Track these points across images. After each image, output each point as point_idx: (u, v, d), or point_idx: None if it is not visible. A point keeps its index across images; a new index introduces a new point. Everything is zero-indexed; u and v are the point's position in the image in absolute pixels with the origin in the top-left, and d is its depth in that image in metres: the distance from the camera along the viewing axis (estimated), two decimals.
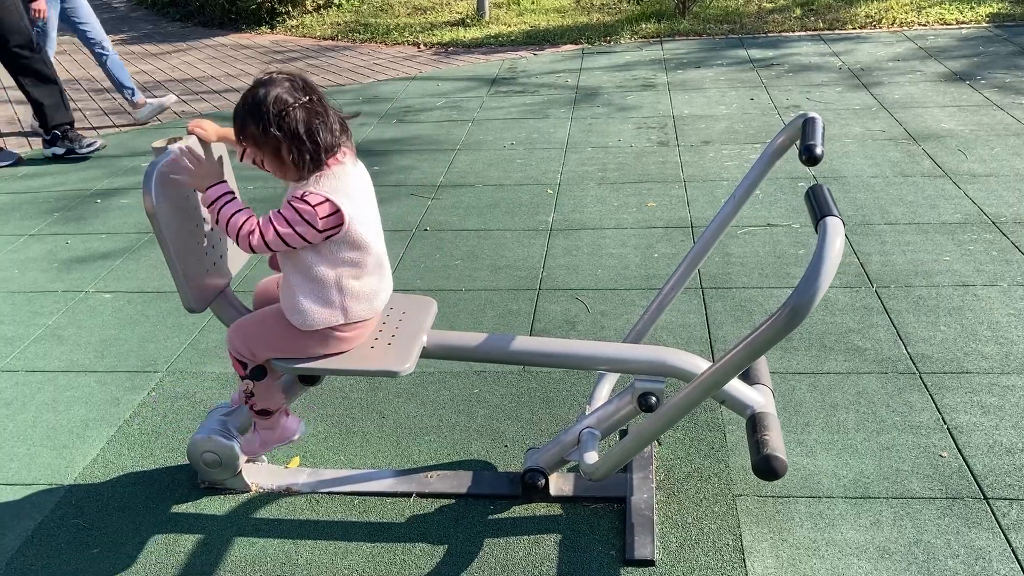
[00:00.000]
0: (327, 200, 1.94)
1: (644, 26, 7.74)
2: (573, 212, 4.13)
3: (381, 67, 7.22)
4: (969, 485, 2.31)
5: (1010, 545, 2.11)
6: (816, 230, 1.68)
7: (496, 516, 2.31)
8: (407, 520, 2.32)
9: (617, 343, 2.29)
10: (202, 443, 2.36)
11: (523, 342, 2.21)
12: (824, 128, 1.98)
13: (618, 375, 2.55)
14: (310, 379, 2.31)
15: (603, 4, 8.85)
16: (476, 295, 3.43)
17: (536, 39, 7.70)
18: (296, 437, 2.39)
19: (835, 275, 3.39)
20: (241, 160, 2.25)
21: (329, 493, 2.43)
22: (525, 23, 8.28)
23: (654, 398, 2.14)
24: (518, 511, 2.33)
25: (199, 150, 2.14)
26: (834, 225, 1.65)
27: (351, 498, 2.41)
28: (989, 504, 2.24)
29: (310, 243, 1.98)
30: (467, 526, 2.29)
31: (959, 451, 2.43)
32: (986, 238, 3.61)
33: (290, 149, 1.92)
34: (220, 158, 2.26)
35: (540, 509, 2.33)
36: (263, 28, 9.26)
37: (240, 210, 2.02)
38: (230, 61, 7.85)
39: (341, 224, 1.97)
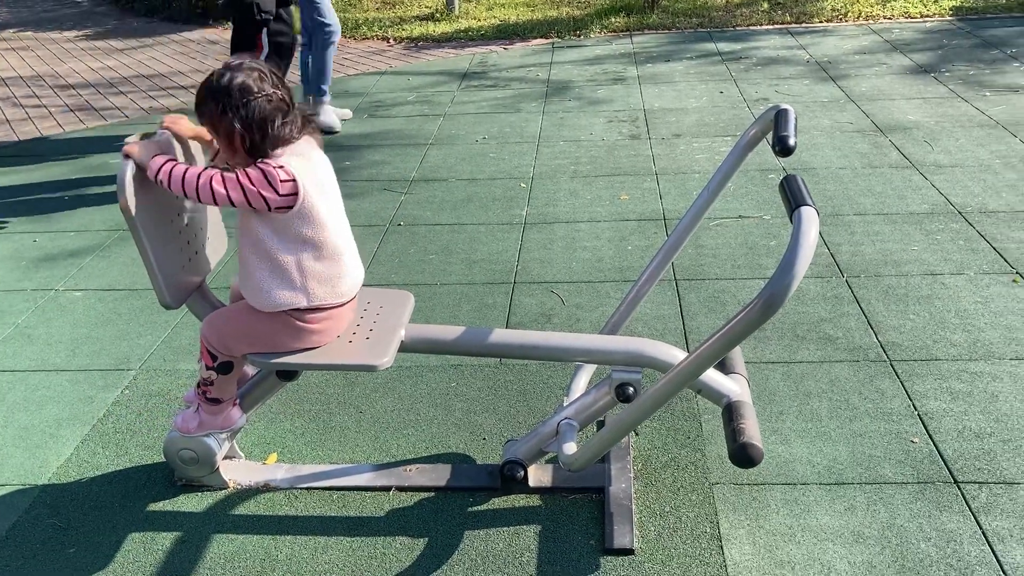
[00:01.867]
0: (284, 167, 1.96)
1: (613, 20, 7.76)
2: (546, 206, 4.14)
3: (351, 62, 7.18)
4: (940, 470, 2.35)
5: (980, 527, 2.16)
6: (791, 220, 1.70)
7: (476, 508, 2.32)
8: (387, 514, 2.32)
9: (594, 335, 2.31)
10: (179, 441, 2.34)
11: (501, 335, 2.22)
12: (796, 119, 2.00)
13: (595, 367, 2.57)
14: (288, 375, 2.30)
15: None
16: (451, 289, 3.43)
17: (506, 33, 7.70)
18: (235, 426, 2.36)
19: (810, 263, 3.44)
20: (213, 160, 2.24)
21: (308, 488, 2.42)
22: (495, 17, 8.28)
23: (631, 388, 2.16)
24: (498, 503, 2.34)
25: (174, 144, 2.13)
26: (808, 215, 1.67)
27: (330, 493, 2.41)
28: (959, 488, 2.28)
29: (268, 208, 1.97)
30: (447, 519, 2.29)
31: (929, 437, 2.47)
32: (953, 228, 3.67)
33: (243, 136, 1.95)
34: (194, 156, 2.25)
35: (519, 500, 2.34)
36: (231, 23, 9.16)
37: (193, 166, 2.01)
38: (198, 57, 7.78)
39: (296, 194, 1.97)
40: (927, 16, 7.25)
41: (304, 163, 2.00)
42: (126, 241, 3.98)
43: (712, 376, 2.13)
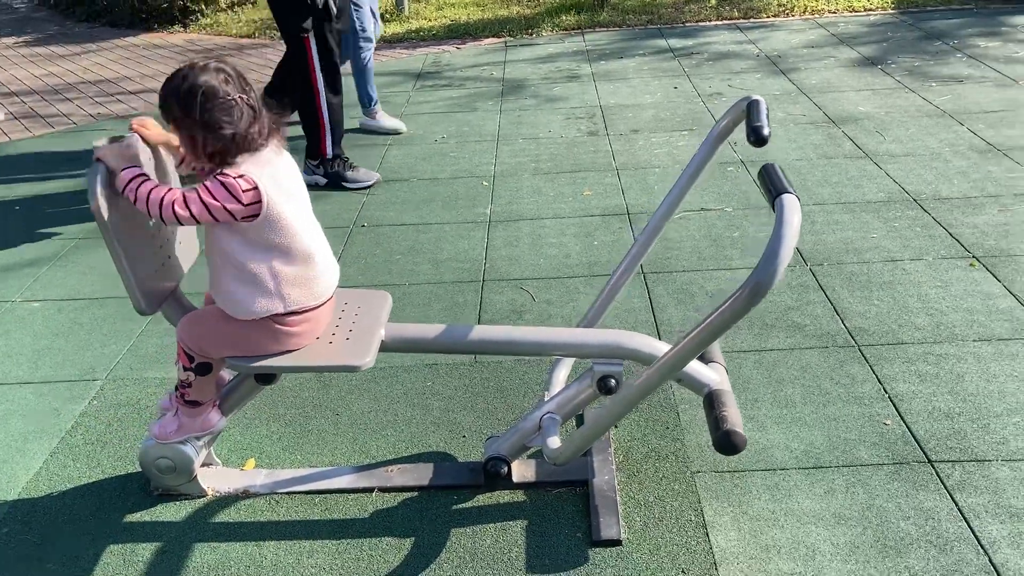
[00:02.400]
0: (244, 176, 1.93)
1: (564, 18, 7.79)
2: (510, 203, 4.15)
3: None
4: (914, 450, 2.40)
5: (956, 505, 2.21)
6: (772, 208, 1.73)
7: (460, 506, 2.32)
8: (371, 515, 2.31)
9: (575, 328, 2.32)
10: (155, 449, 2.30)
11: (482, 331, 2.22)
12: (768, 110, 2.03)
13: (573, 361, 2.58)
14: (266, 378, 2.27)
15: None
16: (420, 289, 3.42)
17: (457, 33, 7.69)
18: (215, 429, 2.32)
19: None
20: (179, 167, 2.20)
21: (289, 493, 2.40)
22: (445, 17, 8.25)
23: (613, 380, 2.17)
24: (482, 500, 2.34)
25: (140, 149, 2.10)
26: (790, 202, 1.70)
27: (312, 497, 2.38)
28: (934, 467, 2.34)
29: (234, 219, 1.95)
30: (432, 518, 2.28)
31: (901, 418, 2.53)
32: (909, 215, 3.76)
33: (206, 140, 1.92)
34: (164, 160, 2.21)
35: (504, 496, 2.34)
36: (176, 27, 9.03)
37: (159, 185, 1.98)
38: (144, 61, 7.64)
39: (260, 202, 1.95)
40: (870, 10, 7.40)
41: (266, 170, 1.97)
42: (83, 250, 3.89)
43: (692, 366, 2.15)
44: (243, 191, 1.91)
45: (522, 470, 2.39)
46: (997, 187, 3.96)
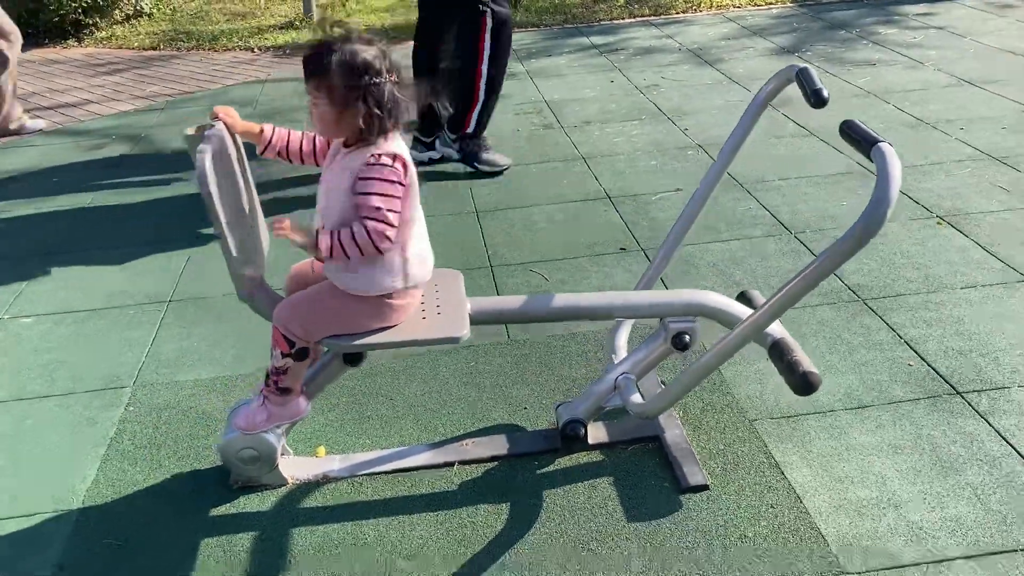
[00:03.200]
0: (397, 154, 1.99)
1: None
2: (491, 194, 4.24)
3: (222, 73, 7.00)
4: (941, 384, 2.64)
5: (992, 427, 2.45)
6: (869, 158, 1.91)
7: (544, 470, 2.41)
8: (459, 487, 2.37)
9: (653, 291, 2.45)
10: (238, 440, 2.30)
11: (564, 299, 2.32)
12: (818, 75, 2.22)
13: (631, 324, 2.71)
14: (354, 359, 2.31)
15: None
16: None
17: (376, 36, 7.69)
18: (302, 415, 2.35)
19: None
20: (262, 154, 2.22)
21: (369, 475, 2.43)
22: (357, 22, 8.25)
23: (688, 336, 2.31)
24: (563, 463, 2.43)
25: (227, 136, 2.12)
26: (887, 149, 1.89)
27: (393, 477, 2.42)
28: (963, 397, 2.58)
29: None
30: (522, 482, 2.37)
31: (922, 359, 2.77)
32: (870, 185, 4.03)
33: (368, 117, 1.94)
34: (240, 148, 2.23)
35: (583, 458, 2.44)
36: (70, 42, 8.68)
37: (340, 228, 2.00)
38: (47, 77, 7.34)
39: (407, 176, 2.02)
40: (771, 3, 7.83)
41: (399, 143, 2.03)
42: (59, 264, 3.76)
43: None
44: (401, 170, 1.98)
45: (595, 432, 2.50)
46: (938, 155, 4.32)
